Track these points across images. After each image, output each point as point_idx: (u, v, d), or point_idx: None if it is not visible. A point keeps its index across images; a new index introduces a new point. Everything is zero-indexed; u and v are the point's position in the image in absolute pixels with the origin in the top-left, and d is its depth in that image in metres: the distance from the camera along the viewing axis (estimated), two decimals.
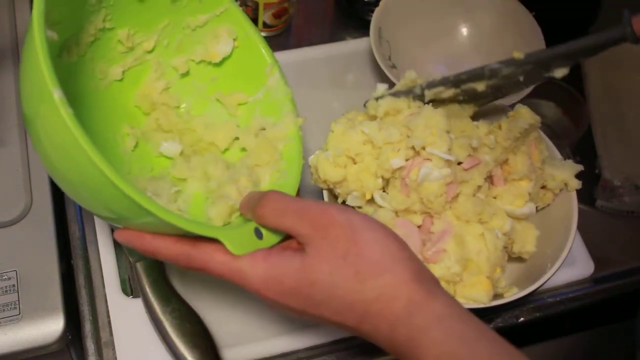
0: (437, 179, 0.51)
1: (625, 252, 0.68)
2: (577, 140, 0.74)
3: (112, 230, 0.62)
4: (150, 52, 0.61)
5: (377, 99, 0.58)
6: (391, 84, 0.69)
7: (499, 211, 0.54)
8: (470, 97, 0.56)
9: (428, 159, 0.52)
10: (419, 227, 0.53)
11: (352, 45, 0.78)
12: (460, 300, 0.52)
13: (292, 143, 0.57)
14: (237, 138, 0.61)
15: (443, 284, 0.51)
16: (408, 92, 0.58)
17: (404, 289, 0.41)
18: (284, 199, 0.46)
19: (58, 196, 0.64)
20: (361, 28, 0.78)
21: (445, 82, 0.56)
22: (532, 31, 0.73)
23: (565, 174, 0.58)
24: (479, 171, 0.54)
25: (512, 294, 0.53)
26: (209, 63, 0.62)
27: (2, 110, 0.67)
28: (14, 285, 0.57)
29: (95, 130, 0.57)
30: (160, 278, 0.58)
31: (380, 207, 0.55)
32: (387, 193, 0.54)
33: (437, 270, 0.51)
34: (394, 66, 0.73)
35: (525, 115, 0.57)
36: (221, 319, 0.59)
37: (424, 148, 0.52)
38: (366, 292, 0.42)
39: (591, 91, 0.76)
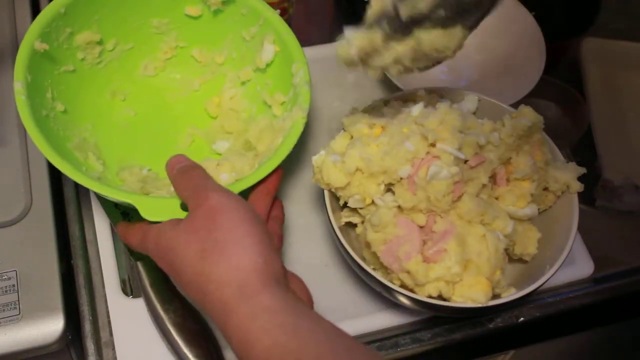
0: (446, 177, 0.51)
1: (625, 252, 0.68)
2: (577, 140, 0.74)
3: (112, 230, 0.62)
4: (222, 64, 0.70)
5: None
6: (394, 88, 0.69)
7: (501, 213, 0.54)
8: (454, 13, 0.49)
9: (437, 157, 0.52)
10: (421, 227, 0.53)
11: None
12: (458, 299, 0.52)
13: (288, 139, 0.58)
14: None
15: (442, 283, 0.51)
16: (380, 20, 0.48)
17: (237, 275, 0.41)
18: (204, 175, 0.49)
19: (58, 196, 0.64)
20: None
21: None
22: (532, 31, 0.73)
23: (567, 176, 0.57)
24: (484, 169, 0.54)
25: (510, 295, 0.53)
26: (261, 70, 0.66)
27: (2, 110, 0.67)
28: (14, 285, 0.57)
29: (157, 127, 0.68)
30: (162, 278, 0.58)
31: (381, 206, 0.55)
32: (394, 192, 0.54)
33: (437, 269, 0.51)
34: None
35: (528, 115, 0.57)
36: None
37: (434, 145, 0.52)
38: (205, 269, 0.42)
39: (591, 91, 0.76)
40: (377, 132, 0.55)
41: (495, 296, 0.53)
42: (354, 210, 0.57)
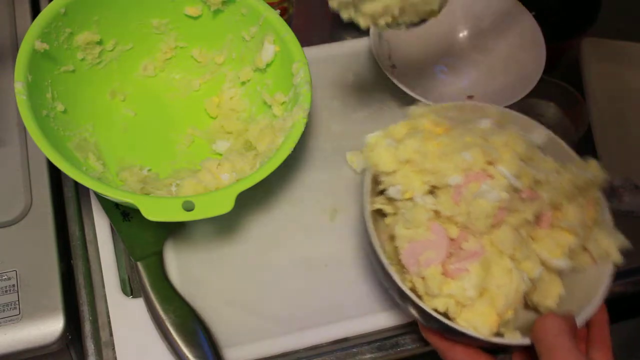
0: (493, 199, 0.49)
1: (626, 252, 0.68)
2: (577, 140, 0.74)
3: (112, 230, 0.62)
4: (222, 64, 0.70)
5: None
6: (394, 88, 0.69)
7: (532, 255, 0.52)
8: None
9: (490, 176, 0.50)
10: (452, 239, 0.51)
11: (352, 45, 0.78)
12: (462, 323, 0.49)
13: (289, 139, 0.58)
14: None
15: (452, 302, 0.50)
16: None
17: None
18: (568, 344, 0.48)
19: (58, 196, 0.64)
20: (361, 28, 0.78)
21: None
22: (532, 31, 0.73)
23: (610, 243, 0.55)
24: (533, 205, 0.52)
25: (513, 339, 0.50)
26: (261, 70, 0.67)
27: (2, 110, 0.67)
28: (14, 285, 0.57)
29: (157, 127, 0.68)
30: (162, 278, 0.58)
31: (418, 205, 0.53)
32: (435, 195, 0.52)
33: (452, 286, 0.49)
34: (394, 66, 0.73)
35: (593, 168, 0.55)
36: (221, 319, 0.59)
37: (492, 163, 0.50)
38: None
39: (591, 91, 0.76)
40: (439, 131, 0.54)
41: (498, 333, 0.50)
42: (390, 199, 0.55)
